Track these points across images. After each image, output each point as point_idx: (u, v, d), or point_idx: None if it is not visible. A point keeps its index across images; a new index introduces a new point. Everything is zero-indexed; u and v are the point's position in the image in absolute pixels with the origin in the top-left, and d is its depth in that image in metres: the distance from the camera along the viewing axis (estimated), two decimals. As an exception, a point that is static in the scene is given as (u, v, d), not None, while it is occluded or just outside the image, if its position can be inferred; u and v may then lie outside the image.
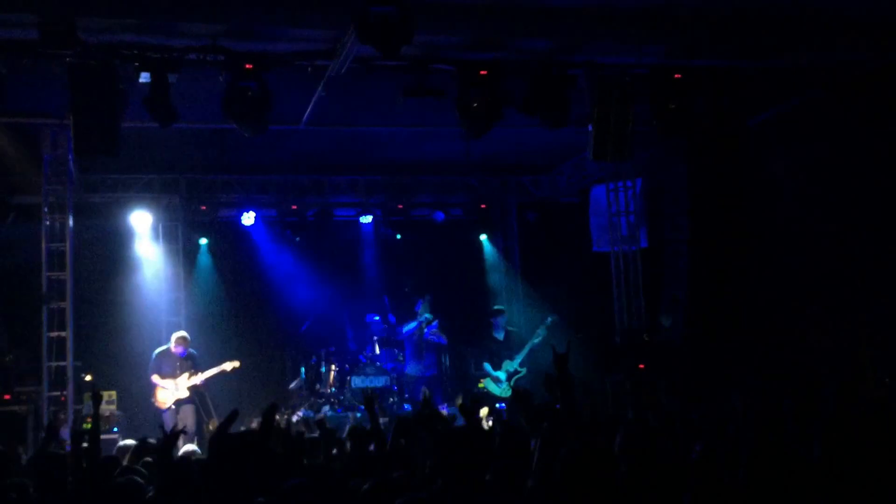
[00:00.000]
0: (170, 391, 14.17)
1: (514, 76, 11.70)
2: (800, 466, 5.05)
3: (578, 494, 4.97)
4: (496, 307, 16.53)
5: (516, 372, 15.19)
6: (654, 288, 15.47)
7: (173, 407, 14.08)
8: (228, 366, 14.58)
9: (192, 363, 14.42)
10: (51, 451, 7.56)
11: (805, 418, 6.85)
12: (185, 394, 14.22)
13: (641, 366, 14.25)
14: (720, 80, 12.24)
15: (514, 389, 14.50)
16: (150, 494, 6.04)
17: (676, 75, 11.82)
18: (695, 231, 13.58)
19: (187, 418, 13.98)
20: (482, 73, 11.40)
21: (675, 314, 14.85)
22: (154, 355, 14.46)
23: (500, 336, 15.62)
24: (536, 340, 15.18)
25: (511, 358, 15.23)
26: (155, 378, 14.22)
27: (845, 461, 5.29)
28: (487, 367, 15.42)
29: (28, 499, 6.18)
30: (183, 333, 14.72)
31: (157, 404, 14.06)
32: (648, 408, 7.67)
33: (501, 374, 15.25)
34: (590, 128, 11.98)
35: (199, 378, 14.32)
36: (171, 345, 14.48)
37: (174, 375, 14.25)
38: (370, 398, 8.45)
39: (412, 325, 16.16)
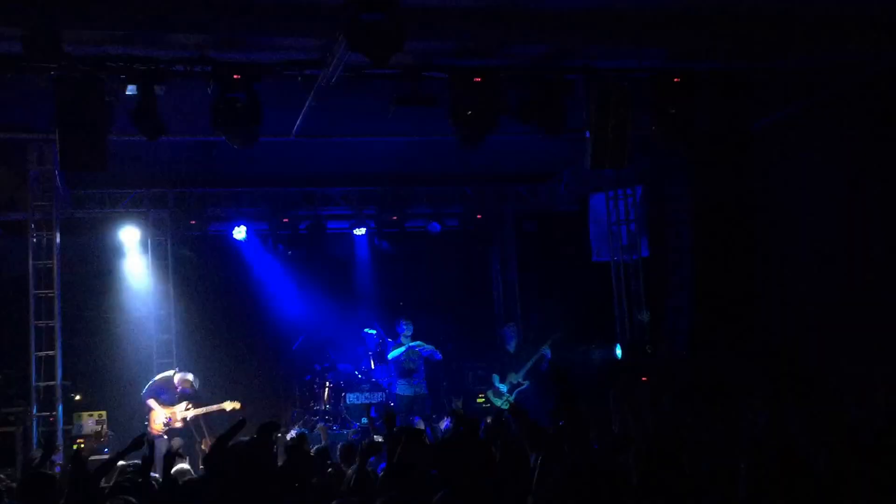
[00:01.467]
0: (163, 418, 14.05)
1: (510, 83, 11.56)
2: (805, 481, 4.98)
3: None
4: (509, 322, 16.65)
5: (519, 384, 15.01)
6: (657, 298, 15.23)
7: (164, 437, 13.87)
8: (228, 405, 14.26)
9: (192, 394, 14.31)
10: (42, 472, 7.55)
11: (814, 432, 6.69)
12: (179, 424, 14.08)
13: (644, 378, 14.03)
14: (722, 84, 12.02)
15: (512, 404, 14.34)
16: None
17: (676, 79, 11.65)
18: (698, 239, 13.36)
19: (176, 446, 13.85)
20: (476, 79, 11.24)
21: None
22: (155, 379, 14.40)
23: (512, 348, 15.53)
24: (540, 354, 14.95)
25: (517, 371, 15.00)
26: (151, 402, 14.13)
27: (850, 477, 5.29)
28: (496, 378, 15.33)
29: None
30: (190, 377, 14.63)
31: (150, 429, 13.89)
32: (648, 423, 7.59)
33: (504, 387, 15.05)
34: (587, 134, 11.80)
35: (195, 412, 14.14)
36: (175, 380, 14.44)
37: (172, 404, 14.17)
38: (390, 416, 9.00)
39: (399, 350, 15.39)
